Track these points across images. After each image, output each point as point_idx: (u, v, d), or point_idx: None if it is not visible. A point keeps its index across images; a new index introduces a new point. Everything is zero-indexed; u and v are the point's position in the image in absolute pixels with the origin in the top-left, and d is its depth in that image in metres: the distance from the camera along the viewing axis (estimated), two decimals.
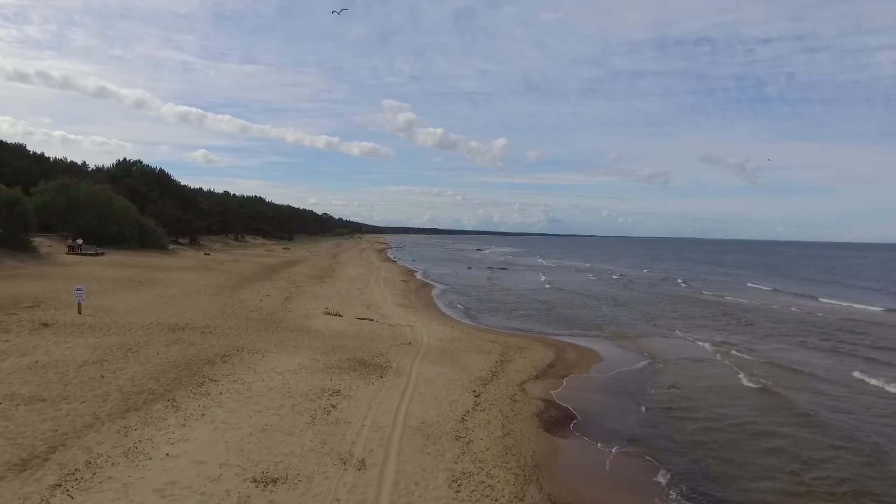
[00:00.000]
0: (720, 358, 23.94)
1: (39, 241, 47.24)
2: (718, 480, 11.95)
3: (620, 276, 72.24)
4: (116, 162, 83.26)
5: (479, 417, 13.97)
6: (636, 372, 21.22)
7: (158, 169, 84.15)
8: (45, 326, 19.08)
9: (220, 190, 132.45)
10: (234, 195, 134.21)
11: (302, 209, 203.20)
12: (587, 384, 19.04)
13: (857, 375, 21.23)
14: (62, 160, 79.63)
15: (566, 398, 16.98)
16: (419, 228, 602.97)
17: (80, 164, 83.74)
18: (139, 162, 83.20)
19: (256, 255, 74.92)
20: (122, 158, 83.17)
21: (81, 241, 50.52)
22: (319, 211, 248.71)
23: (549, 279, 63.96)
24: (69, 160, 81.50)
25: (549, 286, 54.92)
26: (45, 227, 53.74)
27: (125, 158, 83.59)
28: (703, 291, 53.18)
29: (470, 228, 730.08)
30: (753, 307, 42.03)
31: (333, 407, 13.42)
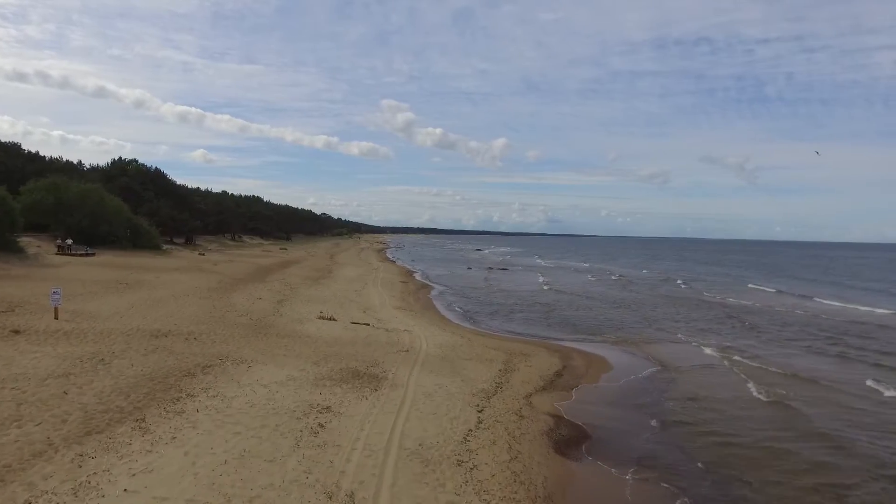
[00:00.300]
0: (728, 365, 22.88)
1: (28, 241, 45.94)
2: None
3: (620, 276, 71.13)
4: (112, 161, 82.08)
5: (482, 437, 12.68)
6: (646, 381, 19.97)
7: (154, 168, 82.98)
8: (15, 334, 17.74)
9: (218, 190, 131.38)
10: (231, 195, 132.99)
11: (300, 209, 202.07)
12: (598, 396, 17.74)
13: (871, 385, 20.18)
14: (58, 159, 78.23)
15: (577, 413, 15.68)
16: (418, 228, 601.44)
17: (75, 163, 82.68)
18: (134, 161, 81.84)
19: (252, 255, 73.53)
20: (116, 157, 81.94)
21: (71, 241, 49.15)
22: (318, 211, 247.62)
23: (549, 280, 62.75)
24: (65, 159, 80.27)
25: (550, 288, 53.64)
26: (37, 226, 52.47)
27: (120, 157, 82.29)
28: (704, 293, 52.02)
29: (469, 228, 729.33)
30: (756, 309, 40.87)
31: (322, 427, 12.12)
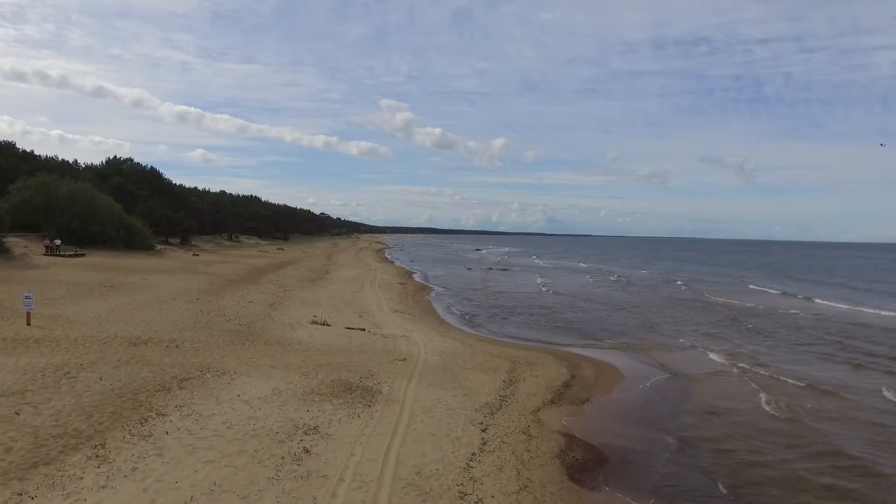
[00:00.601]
0: (738, 373, 21.64)
1: (15, 241, 44.58)
2: None
3: (619, 277, 69.87)
4: (107, 159, 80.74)
5: (488, 462, 11.32)
6: (658, 393, 18.60)
7: (149, 167, 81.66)
8: None
9: (217, 190, 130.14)
10: (230, 195, 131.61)
11: (299, 209, 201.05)
12: (610, 410, 16.36)
13: (889, 396, 19.01)
14: (53, 158, 76.92)
15: (590, 431, 14.29)
16: (418, 228, 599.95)
17: (70, 162, 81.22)
18: (130, 160, 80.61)
19: (248, 255, 72.15)
20: (111, 156, 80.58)
21: (59, 241, 47.71)
22: (318, 211, 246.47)
23: (550, 281, 61.44)
24: (60, 158, 78.91)
25: (551, 290, 52.27)
26: (30, 226, 51.08)
27: (115, 156, 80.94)
28: (706, 294, 50.67)
29: (468, 228, 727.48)
30: (760, 312, 39.60)
31: (307, 452, 10.75)
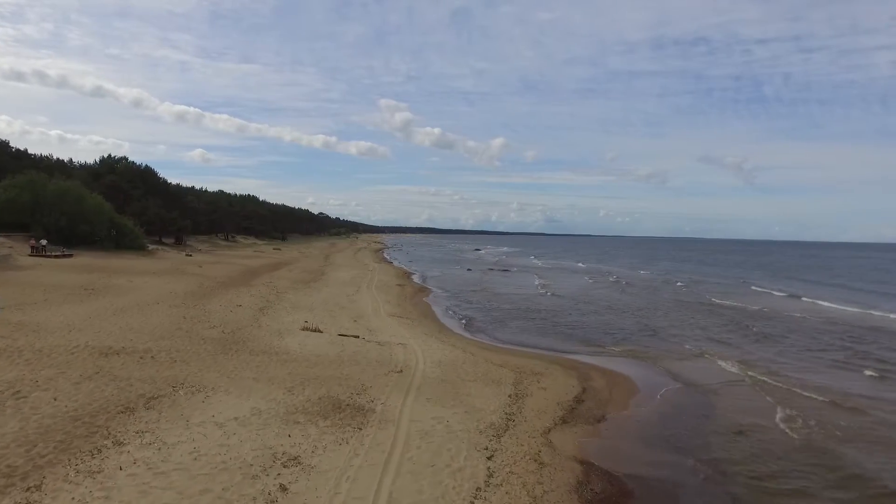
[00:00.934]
0: (752, 383, 20.14)
1: (0, 241, 43.11)
2: None
3: (618, 278, 68.36)
4: (101, 158, 79.15)
5: (495, 500, 9.74)
6: (675, 408, 16.90)
7: (144, 166, 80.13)
8: None
9: (216, 189, 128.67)
10: (227, 194, 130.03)
11: (298, 208, 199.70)
12: (629, 430, 14.75)
13: None
14: (47, 157, 75.40)
15: (610, 456, 12.67)
16: (417, 228, 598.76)
17: (65, 161, 79.68)
18: (124, 159, 79.14)
19: (243, 255, 70.52)
20: (105, 155, 79.04)
21: (45, 241, 46.10)
22: (316, 210, 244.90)
23: (549, 283, 59.83)
24: (55, 157, 77.37)
25: (550, 292, 50.66)
26: (17, 225, 49.51)
27: (109, 155, 79.41)
28: (708, 296, 49.04)
29: (468, 228, 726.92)
30: (766, 315, 38.06)
31: (284, 490, 9.17)
